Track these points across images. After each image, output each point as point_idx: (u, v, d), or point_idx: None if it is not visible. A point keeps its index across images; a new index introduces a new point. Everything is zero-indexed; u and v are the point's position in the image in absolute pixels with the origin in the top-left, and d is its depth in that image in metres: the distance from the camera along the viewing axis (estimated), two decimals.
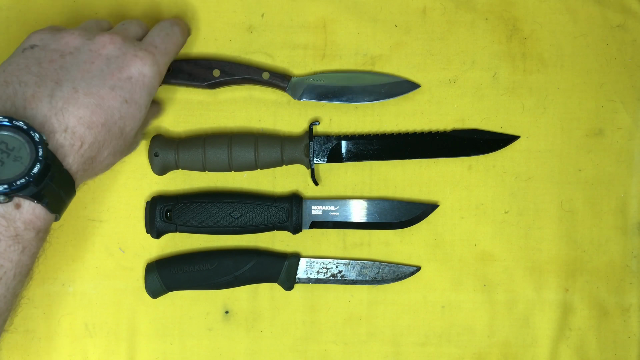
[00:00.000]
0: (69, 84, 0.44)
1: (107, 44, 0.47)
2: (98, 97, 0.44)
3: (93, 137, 0.44)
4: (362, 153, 0.58)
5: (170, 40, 0.52)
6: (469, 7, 0.60)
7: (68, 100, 0.43)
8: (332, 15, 0.60)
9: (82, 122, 0.43)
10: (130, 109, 0.47)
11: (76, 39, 0.47)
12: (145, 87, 0.48)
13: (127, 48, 0.47)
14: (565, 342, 0.60)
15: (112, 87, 0.45)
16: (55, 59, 0.45)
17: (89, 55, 0.46)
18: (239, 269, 0.58)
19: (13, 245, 0.41)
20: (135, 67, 0.47)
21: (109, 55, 0.46)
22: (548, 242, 0.60)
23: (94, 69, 0.45)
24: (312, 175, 0.58)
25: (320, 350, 0.60)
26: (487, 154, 0.59)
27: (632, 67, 0.60)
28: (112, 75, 0.46)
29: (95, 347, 0.59)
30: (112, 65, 0.46)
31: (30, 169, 0.39)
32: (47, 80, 0.44)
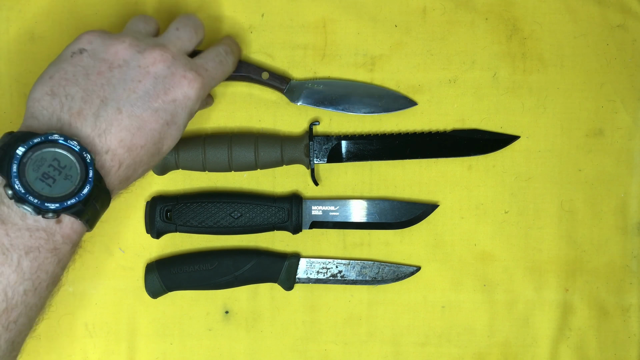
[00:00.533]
0: (114, 103, 0.43)
1: (158, 61, 0.46)
2: (141, 120, 0.44)
3: (131, 159, 0.44)
4: (362, 153, 0.58)
5: (222, 68, 0.51)
6: (469, 7, 0.60)
7: (112, 122, 0.43)
8: (332, 15, 0.60)
9: (122, 145, 0.43)
10: (170, 130, 0.46)
11: (126, 50, 0.45)
12: (187, 109, 0.47)
13: (176, 67, 0.46)
14: (565, 342, 0.60)
15: (156, 110, 0.45)
16: (103, 71, 0.44)
17: (137, 72, 0.45)
18: (239, 269, 0.58)
19: (51, 257, 0.41)
20: (182, 90, 0.46)
21: (157, 74, 0.45)
22: (548, 242, 0.60)
23: (140, 89, 0.45)
24: (312, 175, 0.58)
25: (320, 350, 0.60)
26: (487, 154, 0.59)
27: (632, 67, 0.60)
28: (157, 97, 0.45)
29: (95, 347, 0.59)
30: (158, 86, 0.45)
31: (80, 189, 0.40)
32: (93, 96, 0.43)
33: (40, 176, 0.40)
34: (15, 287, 0.40)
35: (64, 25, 0.59)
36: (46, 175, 0.40)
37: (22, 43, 0.59)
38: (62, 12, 0.59)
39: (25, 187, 0.39)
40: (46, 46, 0.59)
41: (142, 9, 0.59)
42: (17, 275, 0.40)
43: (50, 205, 0.40)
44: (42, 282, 0.42)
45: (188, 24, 0.50)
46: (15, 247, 0.40)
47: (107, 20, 0.59)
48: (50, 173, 0.40)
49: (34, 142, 0.40)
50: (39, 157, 0.40)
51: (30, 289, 0.41)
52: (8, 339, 0.41)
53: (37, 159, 0.40)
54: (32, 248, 0.40)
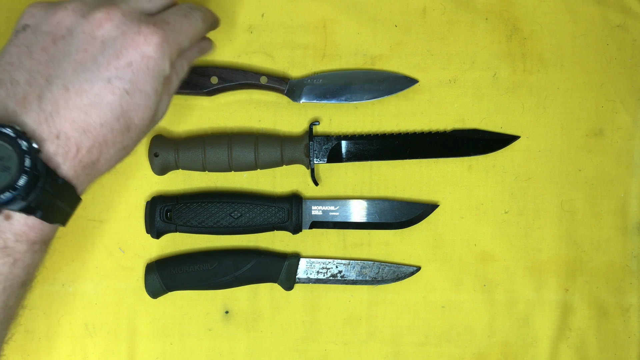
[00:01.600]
0: (59, 81, 0.39)
1: (103, 22, 0.40)
2: (92, 95, 0.39)
3: (91, 141, 0.39)
4: (362, 153, 0.58)
5: (187, 21, 0.44)
6: (469, 7, 0.60)
7: (58, 102, 0.38)
8: (332, 15, 0.60)
9: (75, 127, 0.39)
10: (134, 99, 0.40)
11: (70, 16, 0.40)
12: (150, 71, 0.41)
13: (127, 26, 0.40)
14: (565, 342, 0.60)
15: (108, 79, 0.39)
16: (47, 47, 0.40)
17: (82, 40, 0.40)
18: (239, 269, 0.58)
19: (2, 257, 0.38)
20: (138, 50, 0.40)
21: (104, 37, 0.40)
22: (548, 242, 0.60)
23: (87, 59, 0.39)
24: (312, 175, 0.58)
25: (320, 350, 0.60)
26: (487, 154, 0.59)
27: (632, 67, 0.60)
28: (108, 63, 0.39)
29: (95, 347, 0.59)
30: (107, 50, 0.40)
31: (15, 181, 0.36)
32: (37, 76, 0.39)
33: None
34: None
35: None
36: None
37: None
38: None
39: None
40: None
41: None
42: None
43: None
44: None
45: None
46: None
47: None
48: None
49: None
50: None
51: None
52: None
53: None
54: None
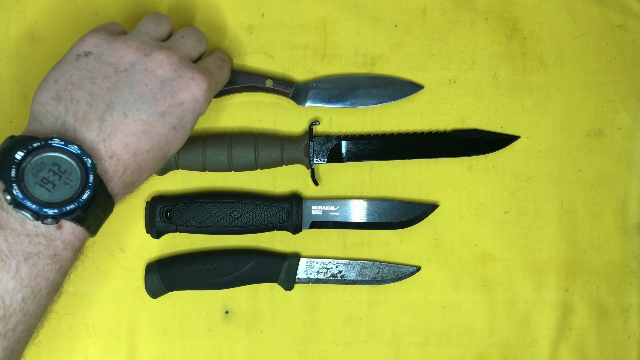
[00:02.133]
0: (120, 107, 0.43)
1: (165, 64, 0.45)
2: (147, 125, 0.44)
3: (137, 164, 0.44)
4: (362, 153, 0.58)
5: (222, 72, 0.51)
6: (469, 7, 0.60)
7: (117, 126, 0.42)
8: (332, 15, 0.60)
9: (127, 150, 0.43)
10: (177, 134, 0.46)
11: (133, 53, 0.45)
12: (195, 112, 0.47)
13: (183, 70, 0.46)
14: (565, 342, 0.60)
15: (163, 113, 0.44)
16: (109, 75, 0.44)
17: (144, 76, 0.44)
18: (239, 269, 0.58)
19: (51, 264, 0.41)
20: (190, 92, 0.46)
21: (164, 77, 0.45)
22: (548, 242, 0.60)
23: (147, 92, 0.44)
24: (312, 175, 0.58)
25: (320, 350, 0.60)
26: (487, 154, 0.59)
27: (632, 67, 0.60)
28: (165, 100, 0.45)
29: (95, 347, 0.59)
30: (165, 89, 0.45)
31: (80, 195, 0.40)
32: (99, 100, 0.43)
33: (40, 181, 0.39)
34: (13, 294, 0.39)
35: (63, 25, 0.59)
36: (45, 180, 0.39)
37: (22, 43, 0.59)
38: (62, 12, 0.59)
39: (24, 192, 0.39)
40: (46, 46, 0.59)
41: (142, 9, 0.59)
42: (15, 282, 0.39)
43: (49, 210, 0.39)
44: (42, 289, 0.41)
45: (193, 34, 0.50)
46: (14, 253, 0.39)
47: (107, 20, 0.59)
48: (49, 178, 0.39)
49: (33, 146, 0.39)
50: (39, 161, 0.39)
51: (30, 296, 0.40)
52: (6, 347, 0.40)
53: (37, 163, 0.39)
54: (32, 254, 0.40)
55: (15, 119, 0.59)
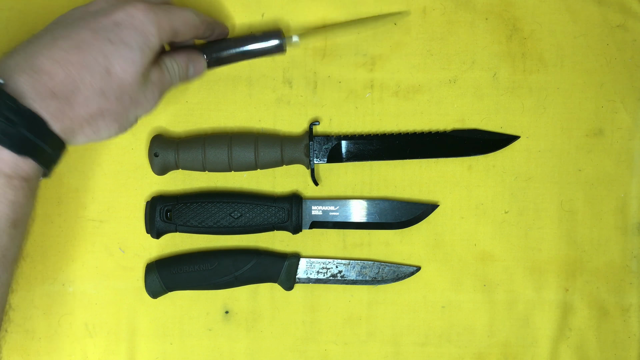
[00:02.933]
0: (50, 34, 0.44)
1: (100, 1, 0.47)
2: (77, 40, 0.44)
3: (64, 73, 0.42)
4: (362, 153, 0.58)
5: (179, 9, 0.49)
6: (469, 7, 0.60)
7: (45, 45, 0.43)
8: (332, 15, 0.60)
9: (52, 61, 0.42)
10: (117, 48, 0.44)
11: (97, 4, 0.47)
12: (135, 28, 0.45)
13: (118, 1, 0.47)
14: (565, 342, 0.60)
15: (95, 30, 0.44)
16: (60, 20, 0.47)
17: (80, 12, 0.47)
18: (239, 269, 0.58)
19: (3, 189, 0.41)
20: (124, 11, 0.45)
21: (97, 8, 0.46)
22: (548, 242, 0.60)
23: (77, 19, 0.45)
24: (312, 175, 0.58)
25: (320, 350, 0.60)
26: (487, 154, 0.59)
27: (632, 67, 0.60)
28: (96, 20, 0.45)
29: (95, 347, 0.59)
30: (99, 13, 0.46)
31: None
32: (36, 36, 0.45)
33: None
34: None
35: None
36: None
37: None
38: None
39: None
40: None
41: None
42: None
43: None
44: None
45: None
46: None
47: None
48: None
49: None
50: None
51: None
52: None
53: None
54: None
55: None
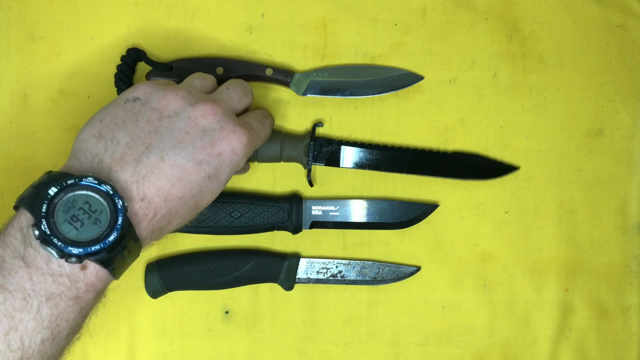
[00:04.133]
0: (158, 151, 0.43)
1: (208, 114, 0.45)
2: (182, 171, 0.43)
3: (167, 210, 0.43)
4: (361, 162, 0.58)
5: (263, 127, 0.51)
6: (469, 7, 0.60)
7: (152, 169, 0.42)
8: (332, 15, 0.60)
9: (160, 194, 0.42)
10: (211, 184, 0.45)
11: (178, 101, 0.45)
12: (232, 164, 0.46)
13: (226, 122, 0.46)
14: (565, 342, 0.60)
15: (200, 162, 0.44)
16: (153, 120, 0.44)
17: (186, 124, 0.44)
18: (239, 269, 0.58)
19: (72, 306, 0.40)
20: (229, 143, 0.45)
21: (206, 127, 0.45)
22: (548, 242, 0.60)
23: (187, 140, 0.44)
24: (309, 175, 0.58)
25: (320, 350, 0.60)
26: (484, 179, 0.59)
27: (632, 67, 0.60)
28: (203, 149, 0.44)
29: (95, 347, 0.59)
30: (205, 138, 0.45)
31: (107, 236, 0.39)
32: (138, 142, 0.43)
33: (69, 218, 0.39)
34: (32, 336, 0.38)
35: (64, 25, 0.59)
36: (75, 218, 0.39)
37: (22, 43, 0.59)
38: (62, 12, 0.59)
39: (52, 229, 0.38)
40: (46, 46, 0.59)
41: (142, 10, 0.59)
42: (35, 323, 0.38)
43: (74, 249, 0.38)
44: (62, 331, 0.40)
45: (238, 86, 0.50)
46: (37, 292, 0.39)
47: (107, 20, 0.59)
48: (79, 216, 0.39)
49: (67, 183, 0.39)
50: (71, 199, 0.39)
51: (48, 338, 0.39)
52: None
53: (69, 200, 0.39)
54: (54, 295, 0.39)
55: (15, 118, 0.59)
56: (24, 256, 0.39)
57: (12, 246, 0.39)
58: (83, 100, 0.59)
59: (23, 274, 0.38)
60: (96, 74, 0.59)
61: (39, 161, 0.59)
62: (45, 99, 0.59)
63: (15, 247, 0.39)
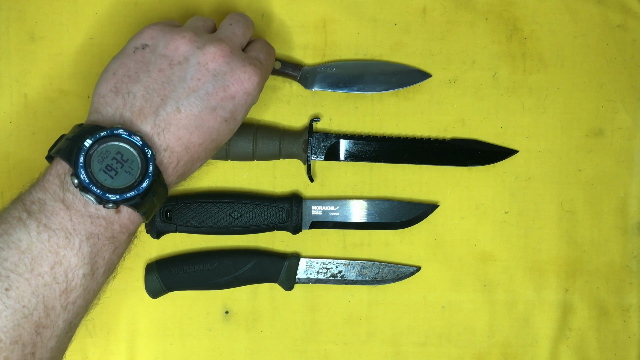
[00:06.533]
0: (173, 102, 0.45)
1: (217, 56, 0.46)
2: (199, 119, 0.45)
3: (189, 156, 0.46)
4: (360, 154, 0.58)
5: (270, 59, 0.52)
6: (469, 7, 0.60)
7: (170, 121, 0.44)
8: (332, 15, 0.60)
9: (180, 143, 0.45)
10: (228, 126, 0.47)
11: (186, 44, 0.46)
12: (246, 104, 0.48)
13: (235, 63, 0.47)
14: (565, 342, 0.60)
15: (214, 108, 0.46)
16: (164, 69, 0.45)
17: (197, 70, 0.46)
18: (239, 269, 0.58)
19: (108, 245, 0.43)
20: (241, 85, 0.47)
21: (216, 70, 0.46)
22: (548, 242, 0.60)
23: (200, 87, 0.46)
24: (309, 171, 0.58)
25: (320, 350, 0.60)
26: (484, 165, 0.59)
27: (632, 67, 0.60)
28: (216, 94, 0.46)
29: (95, 347, 0.59)
30: (218, 83, 0.46)
31: (140, 183, 0.42)
32: (154, 95, 0.45)
33: (104, 168, 0.42)
34: (75, 270, 0.42)
35: (64, 25, 0.59)
36: (109, 167, 0.42)
37: (22, 43, 0.59)
38: (62, 12, 0.59)
39: (90, 178, 0.41)
40: (46, 46, 0.59)
41: (142, 9, 0.59)
42: (77, 259, 0.42)
43: (111, 196, 0.42)
44: (100, 267, 0.43)
45: (240, 20, 0.51)
46: (78, 232, 0.42)
47: (107, 20, 0.59)
48: (113, 165, 0.42)
49: (100, 135, 0.42)
50: (104, 149, 0.42)
51: (89, 273, 0.42)
52: (66, 319, 0.42)
53: (102, 151, 0.42)
54: (92, 234, 0.42)
55: (15, 118, 0.59)
56: (63, 199, 0.42)
57: (51, 191, 0.42)
58: (83, 100, 0.59)
59: (64, 215, 0.41)
60: (96, 74, 0.59)
61: (39, 161, 0.59)
62: (45, 99, 0.59)
63: (55, 191, 0.42)
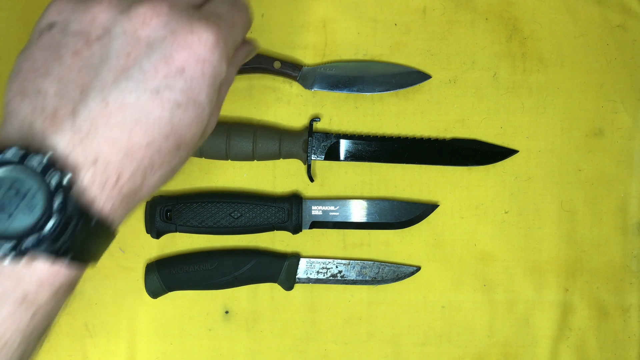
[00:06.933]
0: (97, 93, 0.31)
1: (148, 18, 0.33)
2: (137, 110, 0.32)
3: (135, 165, 0.32)
4: (360, 154, 0.58)
5: (237, 12, 0.37)
6: (469, 7, 0.60)
7: (96, 119, 0.31)
8: (332, 15, 0.60)
9: (117, 149, 0.31)
10: (188, 113, 0.33)
11: (106, 11, 0.33)
12: (206, 78, 0.34)
13: (177, 23, 0.33)
14: (565, 342, 0.60)
15: (157, 90, 0.32)
16: (80, 50, 0.32)
17: (123, 41, 0.32)
18: (239, 269, 0.58)
19: (19, 310, 0.31)
20: (190, 51, 0.33)
21: (150, 37, 0.33)
22: (548, 242, 0.60)
23: (130, 65, 0.32)
24: (308, 171, 0.58)
25: (320, 350, 0.60)
26: (484, 165, 0.59)
27: (632, 67, 0.60)
28: (156, 71, 0.32)
29: (95, 347, 0.59)
30: (155, 54, 0.32)
31: (43, 224, 0.30)
32: (69, 87, 0.32)
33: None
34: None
35: None
36: (1, 206, 0.29)
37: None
38: None
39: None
40: None
41: None
42: None
43: (5, 243, 0.29)
44: (10, 341, 0.32)
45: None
46: None
47: None
48: (6, 202, 0.29)
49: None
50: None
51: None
52: None
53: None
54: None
55: None
56: None
57: None
58: None
59: None
60: None
61: None
62: None
63: None
